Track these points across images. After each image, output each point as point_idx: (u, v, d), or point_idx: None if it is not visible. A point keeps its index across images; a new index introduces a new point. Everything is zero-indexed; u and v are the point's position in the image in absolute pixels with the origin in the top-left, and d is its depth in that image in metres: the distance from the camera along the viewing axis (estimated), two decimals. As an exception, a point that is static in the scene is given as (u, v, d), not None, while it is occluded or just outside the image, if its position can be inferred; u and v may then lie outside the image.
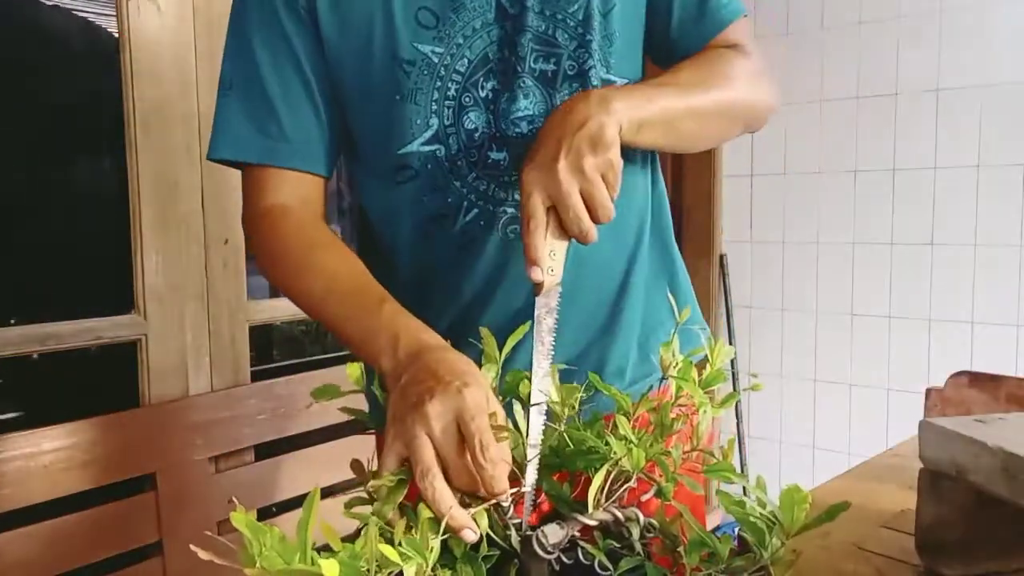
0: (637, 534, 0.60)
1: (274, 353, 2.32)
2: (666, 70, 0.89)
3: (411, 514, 0.57)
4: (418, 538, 0.53)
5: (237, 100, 0.85)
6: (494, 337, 0.69)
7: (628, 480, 0.63)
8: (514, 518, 0.60)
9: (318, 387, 0.68)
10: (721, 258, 2.90)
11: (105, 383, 1.75)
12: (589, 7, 0.83)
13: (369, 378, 0.73)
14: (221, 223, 1.73)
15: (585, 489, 0.62)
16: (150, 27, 1.61)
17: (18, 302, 1.66)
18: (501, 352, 0.68)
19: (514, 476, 0.62)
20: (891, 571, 0.71)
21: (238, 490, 1.71)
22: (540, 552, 0.58)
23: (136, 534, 1.58)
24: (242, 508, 0.48)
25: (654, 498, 0.64)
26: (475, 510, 0.58)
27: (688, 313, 0.76)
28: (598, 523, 0.60)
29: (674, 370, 0.70)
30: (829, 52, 2.61)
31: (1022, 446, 0.61)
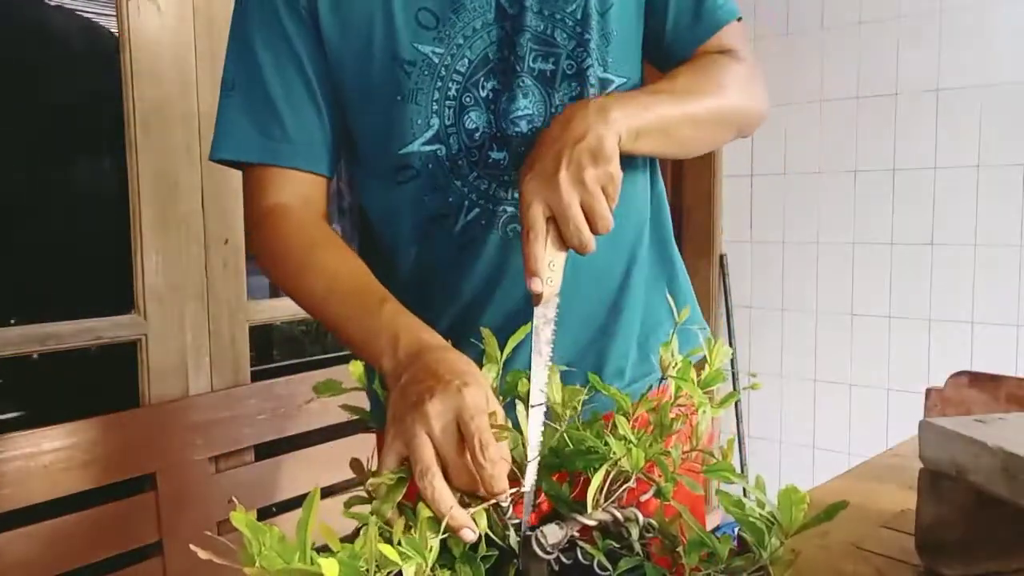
0: (636, 534, 0.60)
1: (274, 353, 2.32)
2: (662, 71, 0.89)
3: (410, 513, 0.57)
4: (417, 538, 0.53)
5: (239, 101, 0.86)
6: (494, 337, 0.69)
7: (627, 480, 0.63)
8: (513, 518, 0.60)
9: (319, 382, 0.68)
10: (721, 258, 2.90)
11: (105, 383, 1.75)
12: (587, 7, 0.83)
13: (370, 377, 0.73)
14: (221, 223, 1.73)
15: (584, 489, 0.62)
16: (150, 27, 1.61)
17: (18, 302, 1.66)
18: (502, 352, 0.68)
19: (514, 476, 0.62)
20: (891, 571, 0.71)
21: (238, 490, 1.71)
22: (539, 552, 0.58)
23: (136, 534, 1.58)
24: (242, 508, 0.48)
25: (653, 498, 0.64)
26: (474, 510, 0.58)
27: (687, 313, 0.76)
28: (597, 523, 0.60)
29: (673, 370, 0.70)
30: (829, 52, 2.61)
31: (1022, 446, 0.61)
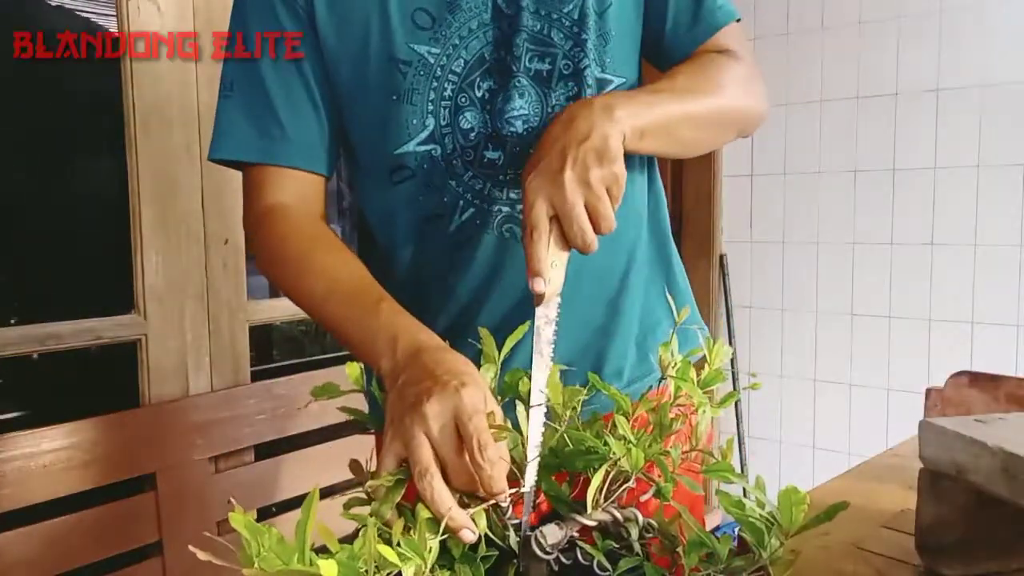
0: (636, 534, 0.60)
1: (274, 353, 2.32)
2: (661, 70, 0.89)
3: (408, 515, 0.57)
4: (416, 538, 0.53)
5: (238, 101, 0.86)
6: (492, 336, 0.69)
7: (627, 480, 0.63)
8: (513, 518, 0.60)
9: (318, 386, 0.68)
10: (721, 258, 2.90)
11: (105, 383, 1.75)
12: (584, 6, 0.83)
13: (368, 378, 0.72)
14: (221, 223, 1.73)
15: (584, 489, 0.62)
16: (150, 27, 1.61)
17: (18, 302, 1.67)
18: (500, 352, 0.68)
19: (513, 476, 0.62)
20: (891, 571, 0.71)
21: (238, 490, 1.71)
22: (539, 552, 0.58)
23: (136, 534, 1.58)
24: (240, 509, 0.48)
25: (652, 498, 0.64)
26: (474, 510, 0.58)
27: (687, 313, 0.76)
28: (597, 523, 0.60)
29: (673, 370, 0.70)
30: (829, 52, 2.61)
31: (1022, 446, 0.61)
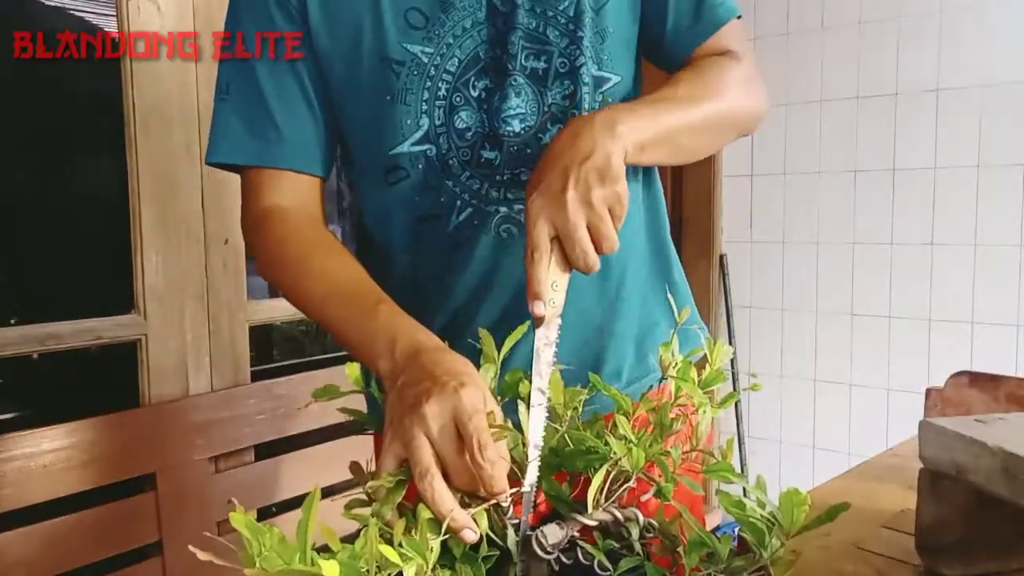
0: (636, 534, 0.60)
1: (274, 353, 2.32)
2: (662, 68, 0.89)
3: (409, 516, 0.57)
4: (418, 539, 0.53)
5: (234, 104, 0.85)
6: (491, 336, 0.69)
7: (627, 480, 0.63)
8: (514, 518, 0.60)
9: (318, 388, 0.68)
10: (721, 258, 2.90)
11: (105, 383, 1.75)
12: (580, 4, 0.83)
13: (368, 378, 0.72)
14: (221, 223, 1.73)
15: (584, 489, 0.62)
16: (150, 27, 1.61)
17: (18, 302, 1.66)
18: (499, 351, 0.68)
19: (514, 476, 0.62)
20: (891, 571, 0.71)
21: (238, 490, 1.71)
22: (540, 552, 0.58)
23: (136, 534, 1.58)
24: (241, 508, 0.48)
25: (652, 498, 0.64)
26: (475, 510, 0.58)
27: (687, 313, 0.76)
28: (597, 523, 0.60)
29: (673, 370, 0.70)
30: (829, 52, 2.61)
31: (1022, 446, 0.61)
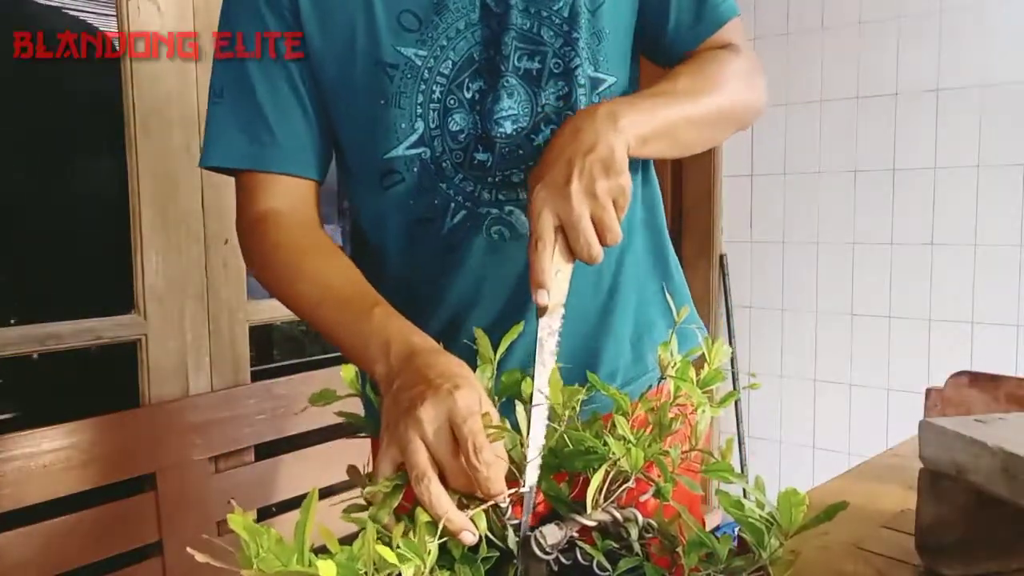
0: (635, 534, 0.60)
1: (274, 353, 2.32)
2: (663, 68, 0.88)
3: (407, 519, 0.57)
4: (416, 541, 0.53)
5: (227, 107, 0.85)
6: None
7: (626, 480, 0.63)
8: (512, 519, 0.60)
9: (315, 392, 0.68)
10: (721, 258, 2.90)
11: (105, 383, 1.75)
12: (576, 5, 0.82)
13: (364, 381, 0.72)
14: (221, 223, 1.73)
15: (583, 489, 0.62)
16: (150, 27, 1.61)
17: (18, 302, 1.66)
18: (496, 352, 0.68)
19: (513, 476, 0.62)
20: (891, 571, 0.71)
21: (238, 490, 1.71)
22: (539, 553, 0.58)
23: (136, 534, 1.58)
24: (240, 510, 0.48)
25: (651, 498, 0.64)
26: (473, 512, 0.58)
27: (686, 313, 0.76)
28: (596, 524, 0.60)
29: (672, 369, 0.70)
30: (829, 52, 2.61)
31: (1022, 446, 0.61)
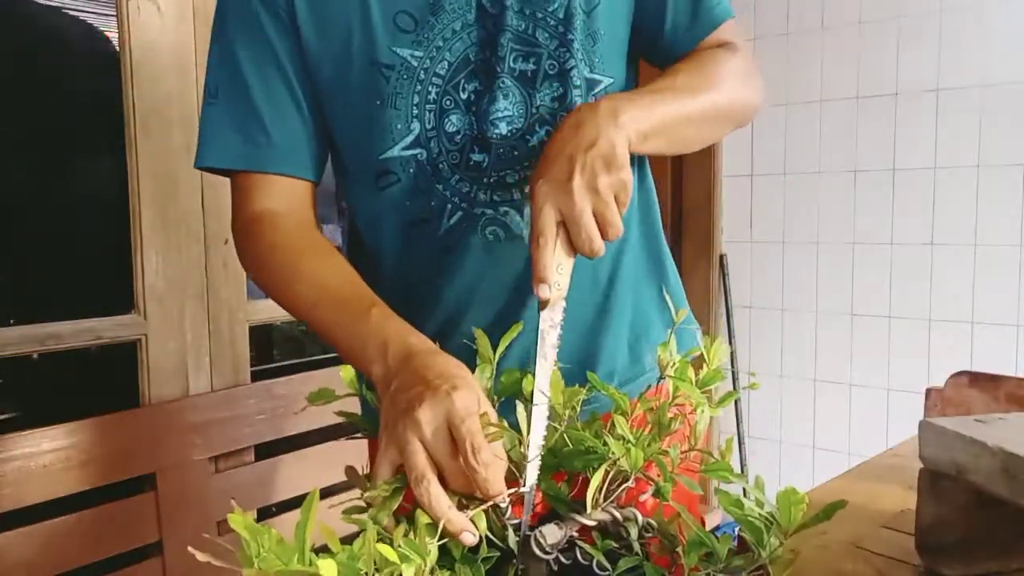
0: (635, 534, 0.60)
1: (274, 353, 2.32)
2: (660, 68, 0.88)
3: (406, 521, 0.57)
4: (416, 541, 0.53)
5: (222, 107, 0.85)
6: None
7: (626, 480, 0.63)
8: (512, 519, 0.60)
9: (313, 392, 0.68)
10: (721, 258, 2.90)
11: (105, 383, 1.75)
12: (571, 6, 0.82)
13: (362, 381, 0.72)
14: (221, 223, 1.73)
15: (583, 489, 0.62)
16: (150, 27, 1.61)
17: (18, 302, 1.67)
18: (496, 352, 0.68)
19: (512, 476, 0.62)
20: (891, 571, 0.71)
21: (238, 490, 1.71)
22: (538, 552, 0.58)
23: (136, 534, 1.58)
24: (240, 509, 0.48)
25: (650, 498, 0.64)
26: (472, 512, 0.58)
27: (684, 313, 0.76)
28: (596, 523, 0.60)
29: (671, 369, 0.70)
30: (829, 52, 2.61)
31: (1022, 446, 0.61)
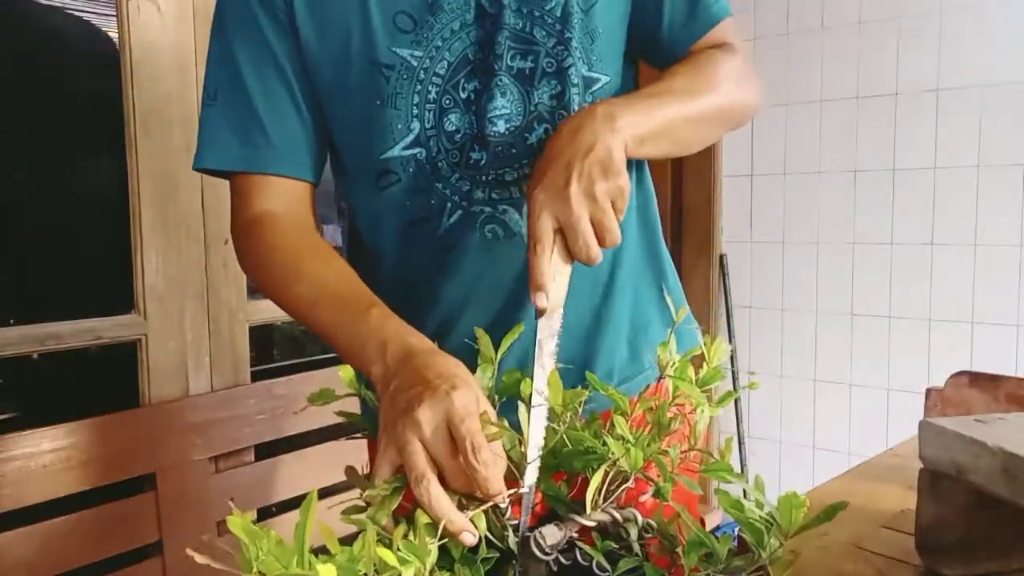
0: (635, 535, 0.60)
1: (274, 353, 2.31)
2: (657, 68, 0.88)
3: (406, 521, 0.57)
4: (416, 542, 0.53)
5: (221, 109, 0.85)
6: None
7: (626, 480, 0.63)
8: (512, 519, 0.60)
9: (314, 392, 0.68)
10: (721, 258, 2.90)
11: (105, 383, 1.75)
12: (568, 4, 0.82)
13: (361, 381, 0.72)
14: (221, 223, 1.73)
15: (582, 489, 0.62)
16: (150, 27, 1.61)
17: (18, 302, 1.66)
18: (497, 352, 0.68)
19: (512, 476, 0.62)
20: (891, 571, 0.71)
21: (238, 490, 1.71)
22: (538, 553, 0.58)
23: (136, 534, 1.58)
24: (238, 511, 0.48)
25: (650, 498, 0.64)
26: (472, 512, 0.58)
27: (684, 313, 0.76)
28: (596, 524, 0.60)
29: (671, 369, 0.70)
30: (829, 52, 2.61)
31: (1022, 446, 0.61)
